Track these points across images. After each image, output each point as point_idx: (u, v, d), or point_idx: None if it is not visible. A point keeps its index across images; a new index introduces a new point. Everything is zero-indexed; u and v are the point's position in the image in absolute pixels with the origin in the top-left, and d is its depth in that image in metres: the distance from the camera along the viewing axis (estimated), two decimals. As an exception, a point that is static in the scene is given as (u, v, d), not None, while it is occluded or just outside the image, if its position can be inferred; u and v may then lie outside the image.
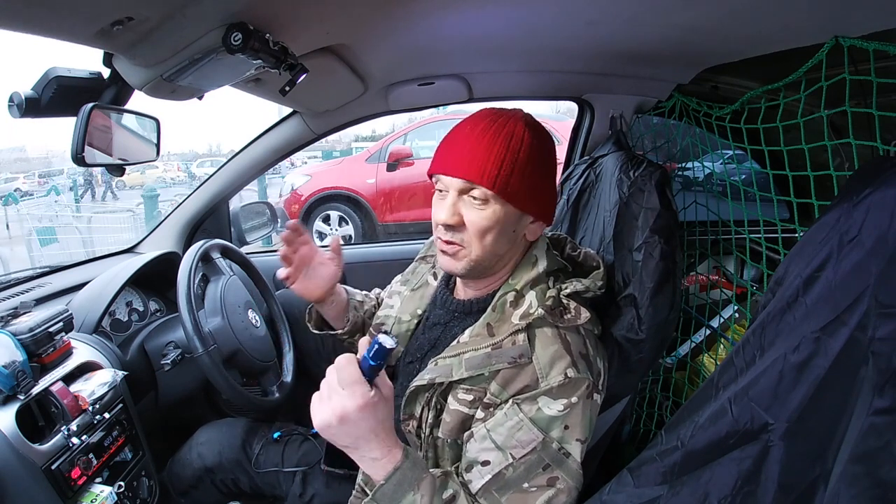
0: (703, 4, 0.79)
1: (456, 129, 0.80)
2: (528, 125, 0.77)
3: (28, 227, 6.42)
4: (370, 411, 0.64)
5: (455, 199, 0.76)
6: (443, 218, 0.77)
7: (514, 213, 0.77)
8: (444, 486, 0.71)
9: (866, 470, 0.44)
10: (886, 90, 0.73)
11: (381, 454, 0.67)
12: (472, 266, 0.79)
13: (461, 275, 0.83)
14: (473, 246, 0.77)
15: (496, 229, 0.76)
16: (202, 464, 1.10)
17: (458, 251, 0.78)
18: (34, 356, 0.88)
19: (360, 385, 0.64)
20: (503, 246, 0.79)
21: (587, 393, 0.73)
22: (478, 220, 0.76)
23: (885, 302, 0.47)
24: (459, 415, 0.76)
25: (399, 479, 0.66)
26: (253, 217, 1.80)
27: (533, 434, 0.70)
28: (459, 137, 0.78)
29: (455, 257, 0.79)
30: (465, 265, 0.79)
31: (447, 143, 0.79)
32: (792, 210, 0.94)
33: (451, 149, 0.78)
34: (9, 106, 0.78)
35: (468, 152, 0.75)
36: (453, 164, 0.76)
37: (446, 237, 0.78)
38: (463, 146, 0.76)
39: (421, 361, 0.87)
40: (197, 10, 0.66)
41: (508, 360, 0.73)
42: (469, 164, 0.74)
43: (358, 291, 1.13)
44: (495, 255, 0.80)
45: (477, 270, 0.81)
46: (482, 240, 0.77)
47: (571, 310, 0.77)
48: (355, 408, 0.63)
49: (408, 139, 5.63)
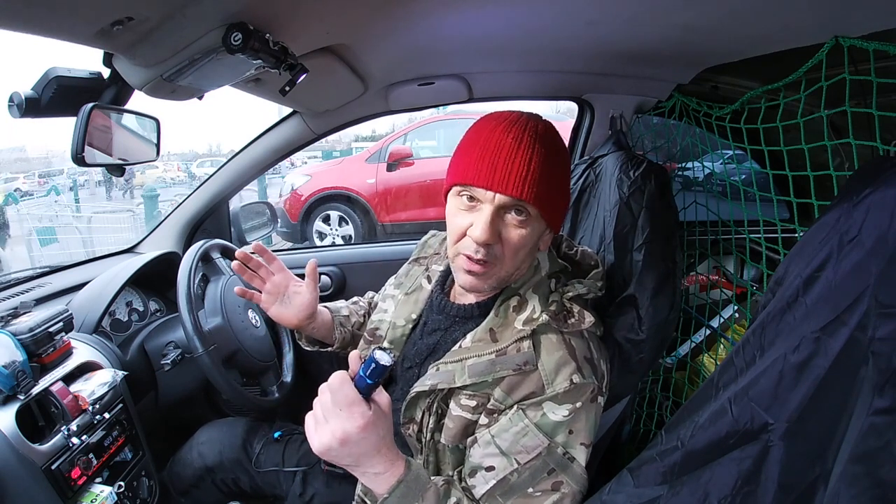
0: (703, 4, 0.78)
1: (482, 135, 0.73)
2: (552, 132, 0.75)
3: (28, 227, 6.42)
4: (371, 430, 0.63)
5: (493, 215, 0.71)
6: (484, 237, 0.70)
7: (545, 229, 0.77)
8: (447, 495, 0.71)
9: (866, 470, 0.44)
10: (886, 90, 0.73)
11: (384, 468, 0.67)
12: (498, 283, 0.77)
13: (486, 292, 0.80)
14: (506, 264, 0.74)
15: (529, 246, 0.75)
16: (203, 463, 1.10)
17: (489, 270, 0.74)
18: (34, 356, 0.88)
19: (359, 405, 0.63)
20: (527, 260, 0.78)
21: (592, 397, 0.73)
22: (517, 239, 0.72)
23: (885, 302, 0.47)
24: (462, 420, 0.75)
25: (403, 491, 0.66)
26: (253, 217, 1.80)
27: (538, 440, 0.70)
28: (491, 146, 0.71)
29: (483, 276, 0.75)
30: (493, 283, 0.76)
31: (479, 151, 0.72)
32: (792, 210, 0.94)
33: (487, 159, 0.70)
34: (9, 106, 0.78)
35: (508, 165, 0.69)
36: (495, 180, 0.69)
37: (479, 255, 0.72)
38: (501, 157, 0.70)
39: (420, 366, 0.86)
40: (197, 10, 0.66)
41: (513, 367, 0.72)
42: (516, 181, 0.69)
43: (343, 304, 1.11)
44: (519, 272, 0.79)
45: (501, 287, 0.79)
46: (515, 257, 0.74)
47: (575, 314, 0.76)
48: (356, 429, 0.62)
49: (408, 139, 5.63)
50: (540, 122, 0.74)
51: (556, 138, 0.75)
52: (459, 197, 0.74)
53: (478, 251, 0.72)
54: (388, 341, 0.92)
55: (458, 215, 0.75)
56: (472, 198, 0.73)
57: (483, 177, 0.70)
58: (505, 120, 0.73)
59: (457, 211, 0.75)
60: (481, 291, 0.79)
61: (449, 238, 0.77)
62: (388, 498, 0.66)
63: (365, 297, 1.18)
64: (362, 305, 1.14)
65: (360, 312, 1.12)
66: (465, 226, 0.73)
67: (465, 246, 0.74)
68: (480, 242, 0.71)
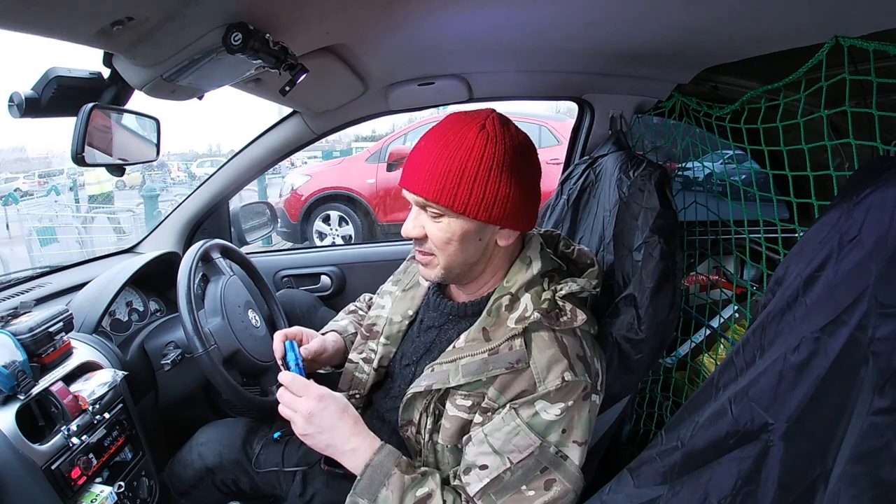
0: (703, 4, 0.78)
1: (420, 139, 0.79)
2: (483, 130, 0.73)
3: (28, 227, 6.42)
4: (328, 400, 0.76)
5: (417, 212, 0.79)
6: (406, 231, 0.80)
7: (472, 223, 0.75)
8: (418, 484, 0.72)
9: (866, 470, 0.44)
10: (886, 90, 0.73)
11: (357, 443, 0.74)
12: (444, 274, 0.81)
13: (438, 281, 0.85)
14: (440, 256, 0.79)
15: (456, 240, 0.77)
16: (202, 464, 1.10)
17: (430, 260, 0.81)
18: (34, 356, 0.88)
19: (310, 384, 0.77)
20: (472, 255, 0.79)
21: (585, 395, 0.73)
22: (436, 233, 0.77)
23: (885, 302, 0.47)
24: (458, 420, 0.76)
25: (370, 475, 0.72)
26: (253, 217, 1.80)
27: (530, 439, 0.70)
28: (419, 150, 0.78)
29: (428, 266, 0.82)
30: (437, 273, 0.81)
31: (410, 155, 0.79)
32: (792, 210, 0.94)
33: (410, 162, 0.78)
34: (9, 106, 0.78)
35: (421, 166, 0.75)
36: (410, 180, 0.77)
37: (417, 247, 0.82)
38: (418, 160, 0.76)
39: (416, 365, 0.87)
40: (197, 10, 0.66)
41: (506, 365, 0.73)
42: (421, 180, 0.75)
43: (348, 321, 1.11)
44: (465, 264, 0.80)
45: (451, 278, 0.82)
46: (445, 250, 0.78)
47: (567, 312, 0.76)
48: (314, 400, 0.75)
49: (408, 139, 5.63)
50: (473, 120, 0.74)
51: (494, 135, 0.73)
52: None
53: (415, 244, 0.82)
54: (385, 337, 0.93)
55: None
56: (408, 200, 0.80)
57: (404, 177, 0.79)
58: (442, 123, 0.78)
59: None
60: (435, 281, 0.84)
61: None
62: (360, 480, 0.72)
63: (363, 300, 1.18)
64: (363, 314, 1.14)
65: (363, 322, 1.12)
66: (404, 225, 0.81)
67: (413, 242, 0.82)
68: (405, 237, 0.81)
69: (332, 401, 0.76)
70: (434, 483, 0.73)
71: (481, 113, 0.77)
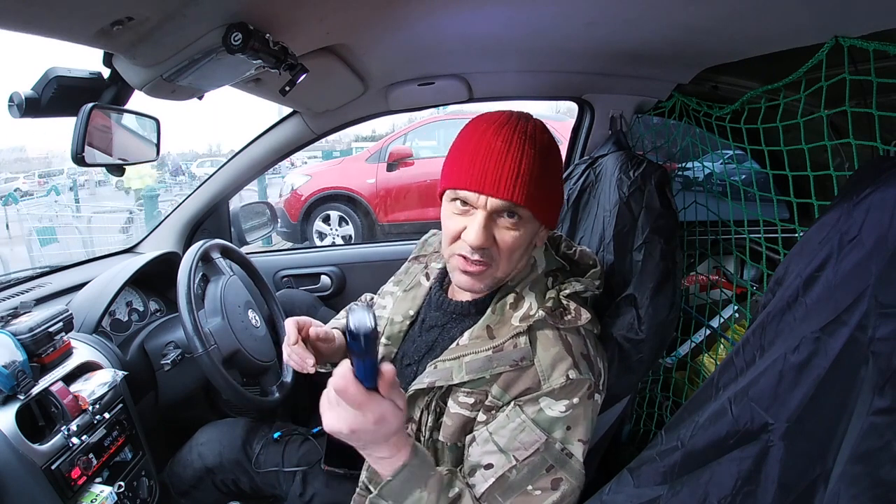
0: (703, 4, 0.78)
1: (472, 138, 0.74)
2: (545, 132, 0.75)
3: (28, 227, 6.42)
4: (383, 423, 0.60)
5: (486, 219, 0.72)
6: (477, 240, 0.71)
7: (538, 228, 0.77)
8: (450, 485, 0.71)
9: (866, 470, 0.44)
10: (886, 90, 0.73)
11: (390, 453, 0.66)
12: (494, 284, 0.78)
13: (480, 292, 0.81)
14: (502, 265, 0.75)
15: (524, 247, 0.76)
16: (202, 464, 1.10)
17: (485, 271, 0.75)
18: (34, 356, 0.88)
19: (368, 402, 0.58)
20: (523, 259, 0.79)
21: (589, 394, 0.73)
22: (511, 241, 0.73)
23: (885, 302, 0.47)
24: (461, 418, 0.75)
25: (407, 475, 0.66)
26: (253, 217, 1.80)
27: (536, 435, 0.70)
28: (484, 150, 0.71)
29: (480, 277, 0.76)
30: (489, 283, 0.78)
31: (470, 155, 0.72)
32: (792, 210, 0.94)
33: (476, 163, 0.71)
34: (9, 106, 0.78)
35: (498, 167, 0.70)
36: (486, 182, 0.70)
37: (475, 257, 0.73)
38: (492, 161, 0.70)
39: (418, 364, 0.86)
40: (197, 10, 0.66)
41: (510, 363, 0.73)
42: (507, 183, 0.70)
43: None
44: (516, 270, 0.80)
45: (498, 285, 0.80)
46: (510, 258, 0.75)
47: (571, 311, 0.77)
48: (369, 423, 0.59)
49: (408, 139, 5.63)
50: (530, 122, 0.75)
51: (546, 137, 0.75)
52: (453, 202, 0.76)
53: (473, 253, 0.73)
54: (386, 337, 0.93)
55: (452, 218, 0.76)
56: (465, 203, 0.74)
57: (474, 181, 0.71)
58: (495, 122, 0.74)
59: (451, 214, 0.76)
60: (477, 292, 0.80)
61: (444, 239, 0.78)
62: (391, 481, 0.65)
63: (364, 299, 1.18)
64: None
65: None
66: (460, 229, 0.74)
67: (461, 247, 0.75)
68: (475, 247, 0.72)
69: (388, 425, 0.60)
70: (461, 483, 0.72)
71: (524, 114, 0.76)
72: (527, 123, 0.74)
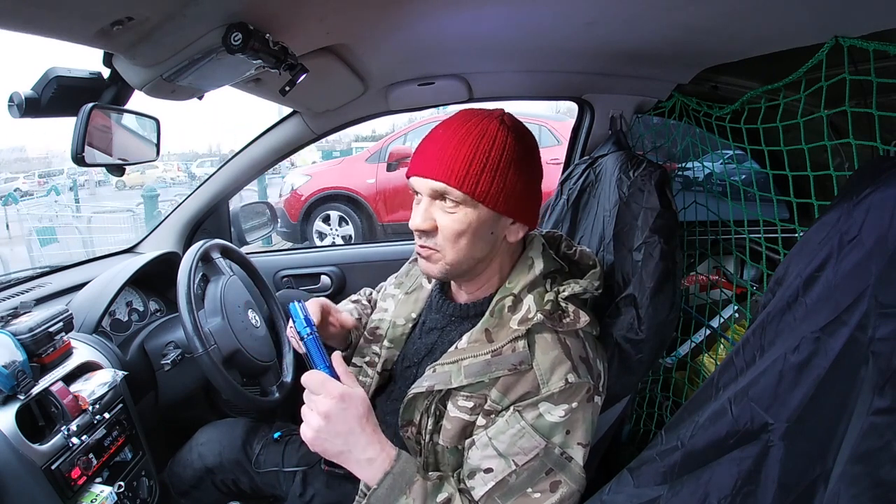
0: (703, 4, 0.78)
1: (431, 131, 0.79)
2: (503, 123, 0.76)
3: (28, 227, 6.42)
4: (349, 400, 0.68)
5: (428, 203, 0.76)
6: (416, 223, 0.76)
7: (489, 214, 0.76)
8: (437, 490, 0.71)
9: (866, 470, 0.44)
10: (886, 90, 0.73)
11: (375, 453, 0.69)
12: (448, 270, 0.79)
13: (440, 278, 0.83)
14: (447, 250, 0.76)
15: (469, 232, 0.75)
16: (202, 464, 1.10)
17: (433, 255, 0.78)
18: (34, 356, 0.88)
19: (330, 381, 0.69)
20: (480, 249, 0.78)
21: (588, 397, 0.73)
22: (450, 224, 0.75)
23: (885, 302, 0.47)
24: (460, 422, 0.75)
25: (391, 483, 0.68)
26: (253, 217, 1.80)
27: (535, 441, 0.70)
28: (432, 139, 0.77)
29: (430, 261, 0.79)
30: (441, 269, 0.79)
31: (421, 145, 0.78)
32: (792, 210, 0.94)
33: (423, 151, 0.77)
34: (9, 106, 0.78)
35: (438, 153, 0.74)
36: (423, 166, 0.75)
37: (421, 242, 0.78)
38: (434, 147, 0.75)
39: (418, 366, 0.86)
40: (197, 9, 0.66)
41: (509, 366, 0.72)
42: (442, 166, 0.73)
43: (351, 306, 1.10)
44: (472, 259, 0.79)
45: (455, 274, 0.80)
46: (456, 244, 0.76)
47: (570, 313, 0.76)
48: (333, 402, 0.67)
49: (408, 139, 5.63)
50: (491, 115, 0.77)
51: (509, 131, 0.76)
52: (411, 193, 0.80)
53: (419, 238, 0.78)
54: (389, 340, 0.92)
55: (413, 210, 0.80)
56: (416, 191, 0.78)
57: (416, 166, 0.77)
58: (454, 116, 0.78)
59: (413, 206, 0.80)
60: (437, 276, 0.82)
61: None
62: (377, 489, 0.68)
63: (363, 294, 1.18)
64: (365, 304, 1.14)
65: (367, 312, 1.11)
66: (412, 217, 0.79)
67: (416, 236, 0.79)
68: (414, 229, 0.78)
69: (353, 402, 0.68)
70: (452, 487, 0.72)
71: (495, 110, 0.78)
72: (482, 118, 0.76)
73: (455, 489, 0.72)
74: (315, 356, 0.73)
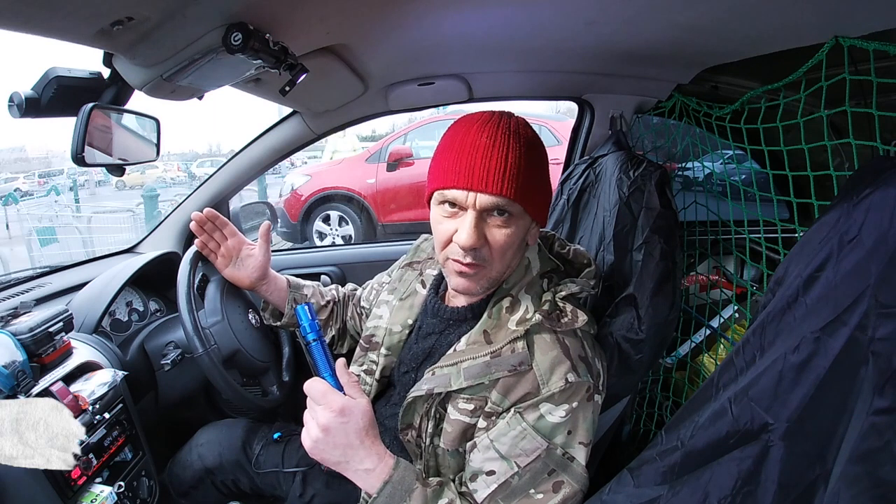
0: (703, 4, 0.78)
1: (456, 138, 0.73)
2: (524, 126, 0.75)
3: (28, 227, 6.42)
4: (349, 414, 0.67)
5: (477, 219, 0.70)
6: (469, 242, 0.70)
7: (529, 224, 0.76)
8: (437, 496, 0.71)
9: (866, 470, 0.44)
10: (886, 90, 0.73)
11: (373, 464, 0.68)
12: (490, 284, 0.77)
13: (480, 294, 0.80)
14: (495, 265, 0.74)
15: (515, 244, 0.74)
16: (202, 465, 1.10)
17: (479, 271, 0.74)
18: (34, 356, 0.87)
19: (332, 393, 0.68)
20: (517, 257, 0.78)
21: (588, 395, 0.73)
22: (503, 239, 0.72)
23: (885, 302, 0.47)
24: (461, 424, 0.75)
25: (389, 492, 0.68)
26: (253, 217, 1.80)
27: (537, 442, 0.70)
28: (467, 147, 0.70)
29: (474, 278, 0.75)
30: (485, 284, 0.77)
31: (456, 154, 0.71)
32: (792, 210, 0.94)
33: (464, 160, 0.70)
34: (9, 106, 0.78)
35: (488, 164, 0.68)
36: (477, 178, 0.68)
37: (468, 259, 0.72)
38: (477, 157, 0.69)
39: (417, 371, 0.86)
40: (197, 9, 0.66)
41: (508, 368, 0.72)
42: (497, 180, 0.68)
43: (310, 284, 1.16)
44: (510, 269, 0.79)
45: (494, 286, 0.79)
46: (503, 257, 0.74)
47: (568, 313, 0.76)
48: (333, 414, 0.66)
49: (408, 139, 5.63)
50: (512, 119, 0.75)
51: (530, 132, 0.75)
52: (441, 206, 0.74)
53: (466, 255, 0.72)
54: (386, 348, 0.92)
55: (442, 223, 0.75)
56: (453, 204, 0.72)
57: (462, 178, 0.70)
58: (478, 120, 0.73)
59: (441, 218, 0.75)
60: (474, 293, 0.79)
61: (436, 244, 0.77)
62: (376, 498, 0.68)
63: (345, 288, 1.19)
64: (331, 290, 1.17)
65: (325, 296, 1.15)
66: (451, 231, 0.73)
67: (453, 251, 0.74)
68: (467, 248, 0.71)
69: (354, 416, 0.67)
70: (452, 492, 0.72)
71: (506, 112, 0.76)
72: (510, 119, 0.74)
73: (455, 494, 0.72)
74: (319, 363, 0.71)
